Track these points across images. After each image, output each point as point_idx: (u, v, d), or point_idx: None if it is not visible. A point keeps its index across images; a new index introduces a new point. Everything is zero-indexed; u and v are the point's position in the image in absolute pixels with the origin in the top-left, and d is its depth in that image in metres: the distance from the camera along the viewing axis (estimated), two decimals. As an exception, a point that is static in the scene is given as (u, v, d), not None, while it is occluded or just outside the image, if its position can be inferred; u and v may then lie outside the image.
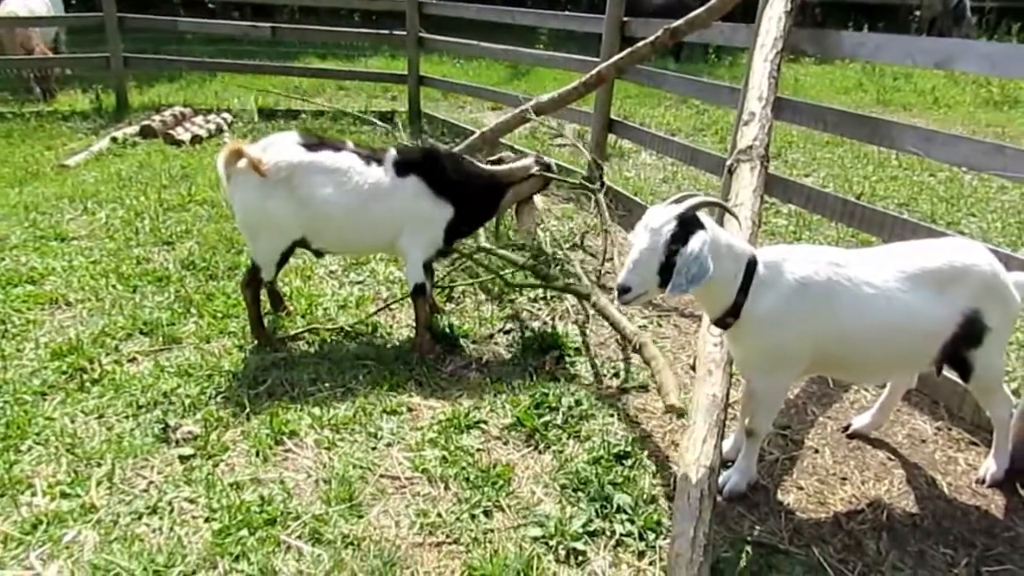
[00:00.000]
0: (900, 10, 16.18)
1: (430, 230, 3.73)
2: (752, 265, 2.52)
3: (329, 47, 14.07)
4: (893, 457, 3.22)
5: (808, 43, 4.41)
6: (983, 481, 3.05)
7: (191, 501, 2.72)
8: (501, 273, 4.39)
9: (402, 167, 3.63)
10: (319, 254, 3.99)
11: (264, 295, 3.94)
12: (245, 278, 3.76)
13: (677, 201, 2.48)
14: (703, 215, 2.46)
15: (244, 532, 2.56)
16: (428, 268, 3.90)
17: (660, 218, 2.41)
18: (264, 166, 3.40)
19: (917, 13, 15.09)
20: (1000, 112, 10.66)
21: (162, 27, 10.24)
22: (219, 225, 5.33)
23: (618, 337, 3.94)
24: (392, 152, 3.67)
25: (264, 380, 3.49)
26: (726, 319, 2.58)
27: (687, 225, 2.39)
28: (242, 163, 3.42)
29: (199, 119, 8.49)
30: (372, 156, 3.63)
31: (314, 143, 3.57)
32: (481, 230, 4.50)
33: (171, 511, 2.67)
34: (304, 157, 3.48)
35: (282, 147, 3.50)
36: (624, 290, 2.46)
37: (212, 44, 13.40)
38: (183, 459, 2.94)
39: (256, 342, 3.79)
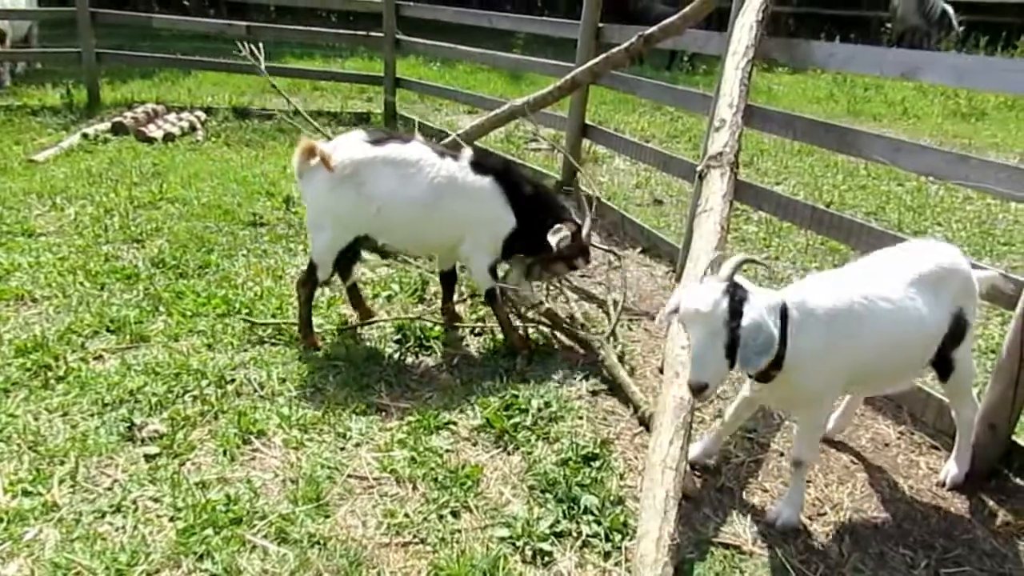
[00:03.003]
0: (871, 22, 16.46)
1: (494, 236, 3.76)
2: (784, 312, 2.46)
3: (305, 47, 14.00)
4: (856, 461, 3.26)
5: (779, 52, 4.47)
6: (944, 484, 3.11)
7: (155, 500, 2.70)
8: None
9: (479, 167, 3.69)
10: (384, 255, 3.95)
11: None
12: (301, 277, 3.79)
13: (711, 267, 2.41)
14: (739, 277, 2.41)
15: (209, 531, 2.54)
16: (495, 277, 3.87)
17: (708, 298, 2.29)
18: (333, 162, 3.46)
19: (888, 26, 15.34)
20: (967, 124, 10.86)
21: (136, 23, 10.15)
22: (190, 223, 5.29)
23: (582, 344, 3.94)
24: (469, 151, 3.76)
25: (233, 379, 3.46)
26: (770, 372, 2.51)
27: (735, 295, 2.31)
28: (314, 160, 3.49)
29: (172, 116, 8.42)
30: (446, 152, 3.70)
31: (382, 138, 3.63)
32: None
33: (135, 510, 2.64)
34: (370, 152, 3.54)
35: (349, 143, 3.58)
36: (701, 388, 2.31)
37: (186, 41, 13.29)
38: (148, 458, 2.91)
39: (303, 342, 3.80)
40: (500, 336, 4.03)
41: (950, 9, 14.52)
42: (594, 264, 5.19)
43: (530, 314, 4.14)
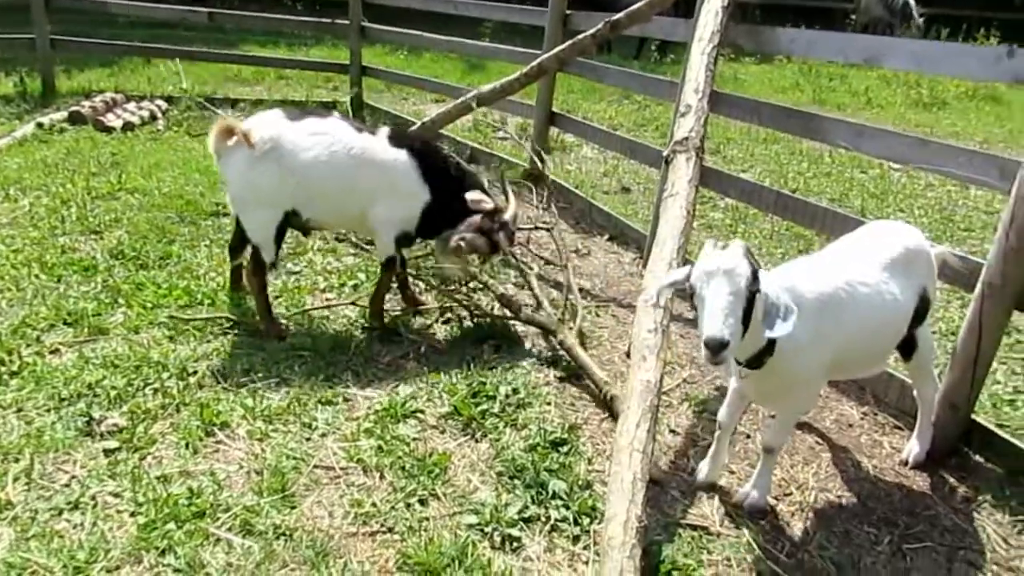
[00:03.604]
0: (835, 13, 16.63)
1: (407, 209, 3.77)
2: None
3: (269, 35, 13.79)
4: (821, 441, 3.30)
5: (745, 38, 4.49)
6: (906, 463, 3.17)
7: (115, 495, 2.63)
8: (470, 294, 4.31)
9: (396, 141, 3.73)
10: (306, 232, 3.98)
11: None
12: (251, 266, 3.74)
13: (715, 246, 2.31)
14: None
15: (171, 525, 2.49)
16: (399, 248, 3.89)
17: (731, 260, 2.21)
18: (253, 138, 3.46)
19: (852, 17, 15.51)
20: (929, 113, 11.03)
21: (92, 9, 9.86)
22: (150, 214, 5.18)
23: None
24: (387, 127, 3.79)
25: (195, 371, 3.40)
26: (763, 358, 2.46)
27: (753, 264, 2.25)
28: (232, 140, 3.47)
29: (131, 105, 8.23)
30: (364, 127, 3.73)
31: (299, 114, 3.67)
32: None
33: (94, 506, 2.58)
34: (288, 126, 3.56)
35: (268, 119, 3.59)
36: (722, 346, 2.13)
37: (146, 29, 13.02)
38: (108, 452, 2.84)
39: (267, 334, 3.74)
40: (468, 323, 4.01)
41: (912, 1, 14.72)
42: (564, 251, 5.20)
43: (483, 300, 4.13)
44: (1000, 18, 15.84)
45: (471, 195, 3.78)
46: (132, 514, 2.55)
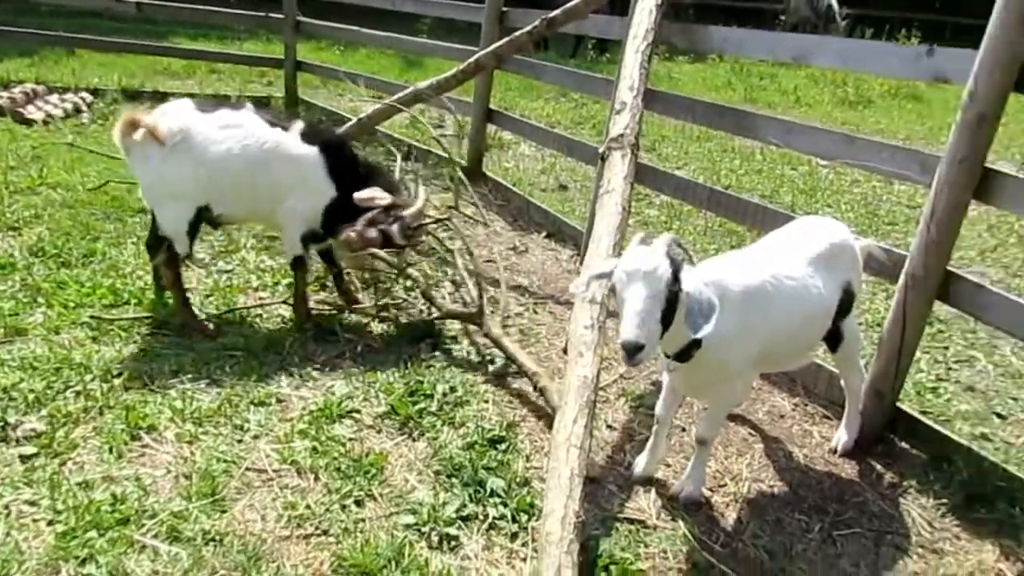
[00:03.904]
0: (765, 14, 17.02)
1: (312, 205, 3.72)
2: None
3: (201, 28, 13.43)
4: (754, 432, 3.36)
5: (679, 36, 4.54)
6: (835, 451, 3.25)
7: (32, 503, 2.52)
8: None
9: (308, 137, 3.68)
10: (216, 226, 3.89)
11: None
12: (163, 258, 3.69)
13: (642, 242, 2.31)
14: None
15: (93, 533, 2.39)
16: (306, 247, 3.84)
17: (650, 260, 2.20)
18: (161, 132, 3.36)
19: (782, 18, 15.90)
20: (855, 111, 11.35)
21: (12, -2, 9.50)
22: (73, 210, 4.98)
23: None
24: (301, 122, 3.73)
25: (120, 372, 3.28)
26: (690, 351, 2.47)
27: (675, 260, 2.24)
28: (139, 134, 3.38)
29: (54, 98, 7.91)
30: (277, 122, 3.67)
31: (211, 106, 3.62)
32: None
33: (7, 515, 2.46)
34: (198, 118, 3.51)
35: (177, 111, 3.52)
36: (636, 348, 2.15)
37: (70, 18, 12.54)
38: (24, 458, 2.72)
39: (189, 328, 3.68)
40: (404, 323, 3.97)
41: (835, 3, 15.17)
42: (501, 249, 5.20)
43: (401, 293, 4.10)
44: (920, 19, 16.41)
45: (360, 194, 3.71)
46: (50, 522, 2.45)
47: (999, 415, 3.60)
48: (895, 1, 17.77)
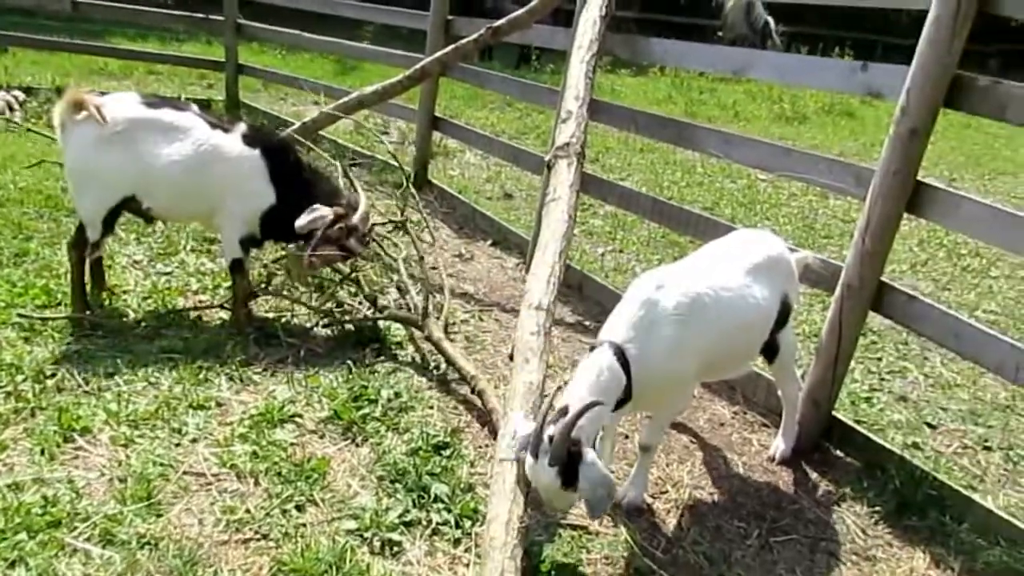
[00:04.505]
0: (705, 30, 17.41)
1: (250, 209, 3.68)
2: (621, 353, 2.47)
3: (140, 28, 13.13)
4: (695, 440, 3.42)
5: (621, 48, 4.62)
6: (774, 459, 3.31)
7: (-41, 505, 2.43)
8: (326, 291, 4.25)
9: (250, 140, 3.63)
10: (148, 220, 3.84)
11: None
12: (72, 239, 3.66)
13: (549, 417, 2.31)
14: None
15: (22, 536, 2.32)
16: (245, 251, 3.79)
17: (544, 480, 2.29)
18: (106, 114, 3.37)
19: (720, 34, 16.28)
20: (791, 127, 11.67)
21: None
22: (4, 209, 4.82)
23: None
24: (244, 125, 3.70)
25: (53, 374, 3.19)
26: (622, 403, 2.52)
27: (569, 469, 2.26)
28: (82, 113, 3.36)
29: (-17, 96, 7.67)
30: (219, 123, 3.63)
31: (156, 101, 3.60)
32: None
33: (-67, 517, 2.37)
34: (145, 112, 3.49)
35: (123, 101, 3.51)
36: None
37: (2, 15, 12.13)
38: (-50, 461, 2.62)
39: (72, 311, 3.64)
40: (349, 327, 3.93)
41: (771, 20, 15.60)
42: (447, 256, 5.20)
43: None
44: (852, 37, 16.96)
45: (300, 221, 3.62)
46: (-22, 525, 2.36)
47: (930, 425, 3.71)
48: (828, 19, 18.35)
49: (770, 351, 3.09)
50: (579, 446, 2.27)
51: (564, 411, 2.31)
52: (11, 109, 7.60)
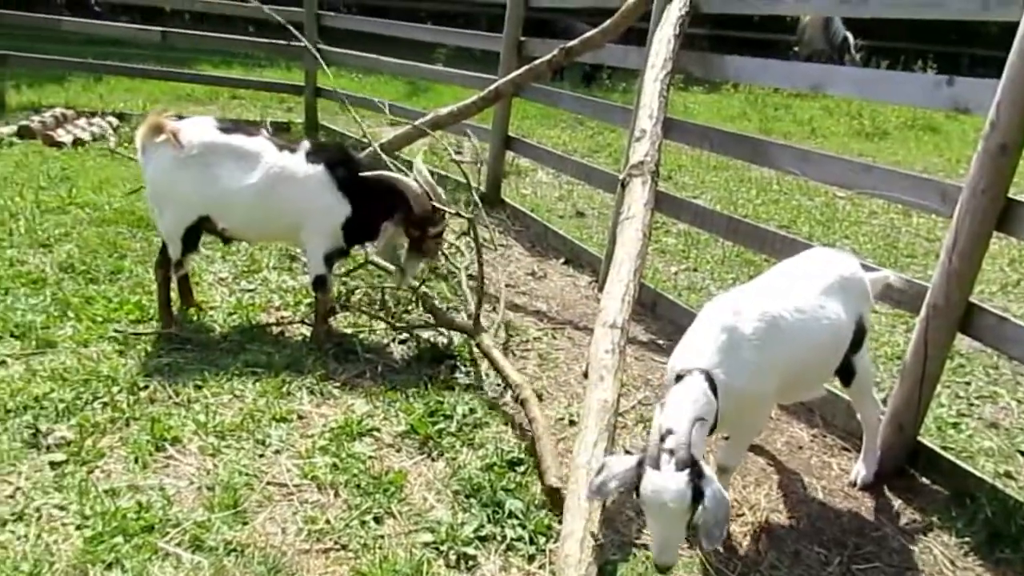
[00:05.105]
0: (779, 45, 17.15)
1: (329, 223, 3.79)
2: (711, 379, 2.42)
3: (223, 55, 13.69)
4: (772, 463, 3.35)
5: (695, 65, 4.61)
6: (855, 484, 3.22)
7: (61, 508, 2.58)
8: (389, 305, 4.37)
9: (313, 157, 3.75)
10: (226, 240, 4.02)
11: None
12: (157, 259, 3.85)
13: (662, 439, 2.24)
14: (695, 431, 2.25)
15: (119, 539, 2.44)
16: (329, 266, 3.91)
17: (673, 488, 2.15)
18: (182, 137, 3.54)
19: (795, 49, 16.01)
20: (871, 143, 11.37)
21: (44, 25, 9.71)
22: (101, 229, 5.09)
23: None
24: (307, 143, 3.81)
25: (146, 386, 3.34)
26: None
27: (695, 479, 2.17)
28: (160, 137, 3.54)
29: (82, 121, 8.10)
30: (286, 145, 3.77)
31: (230, 126, 3.75)
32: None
33: (39, 518, 2.52)
34: (218, 137, 3.65)
35: (199, 126, 3.68)
36: (669, 568, 2.25)
37: (98, 46, 12.80)
38: (54, 465, 2.78)
39: (161, 326, 3.82)
40: (423, 344, 4.01)
41: (850, 35, 15.26)
42: (520, 275, 5.25)
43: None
44: (936, 50, 16.45)
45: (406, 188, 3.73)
46: (78, 527, 2.50)
47: (1023, 453, 3.56)
48: (910, 33, 17.83)
49: (846, 374, 3.01)
50: (697, 460, 2.21)
51: (670, 431, 2.25)
52: (105, 135, 8.01)
